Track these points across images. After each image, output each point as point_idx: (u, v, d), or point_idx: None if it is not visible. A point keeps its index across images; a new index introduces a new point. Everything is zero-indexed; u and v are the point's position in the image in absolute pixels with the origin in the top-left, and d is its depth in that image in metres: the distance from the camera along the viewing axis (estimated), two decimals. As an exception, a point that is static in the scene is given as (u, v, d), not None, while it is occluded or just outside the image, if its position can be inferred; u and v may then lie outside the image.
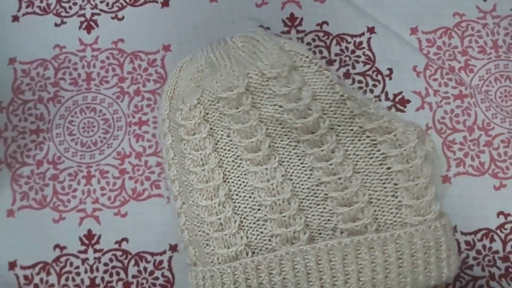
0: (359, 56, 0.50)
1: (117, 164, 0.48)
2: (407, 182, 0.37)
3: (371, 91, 0.49)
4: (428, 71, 0.49)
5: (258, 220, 0.36)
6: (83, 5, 0.52)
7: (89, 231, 0.47)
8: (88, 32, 0.51)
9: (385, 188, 0.36)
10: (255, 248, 0.36)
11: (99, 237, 0.46)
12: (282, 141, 0.38)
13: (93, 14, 0.52)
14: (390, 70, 0.49)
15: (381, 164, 0.37)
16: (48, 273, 0.46)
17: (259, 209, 0.36)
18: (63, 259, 0.46)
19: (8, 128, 0.49)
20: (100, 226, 0.47)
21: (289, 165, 0.37)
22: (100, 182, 0.47)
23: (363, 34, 0.50)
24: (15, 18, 0.53)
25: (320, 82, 0.37)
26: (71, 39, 0.51)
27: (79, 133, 0.49)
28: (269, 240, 0.36)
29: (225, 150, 0.38)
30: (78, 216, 0.47)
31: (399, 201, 0.37)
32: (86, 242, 0.46)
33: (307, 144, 0.37)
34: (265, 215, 0.36)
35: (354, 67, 0.49)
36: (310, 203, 0.36)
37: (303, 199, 0.36)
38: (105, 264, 0.46)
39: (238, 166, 0.38)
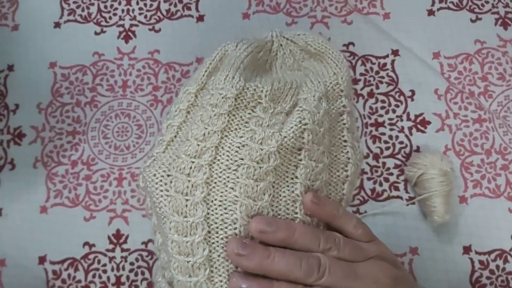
0: (383, 77, 0.52)
1: (148, 168, 0.50)
2: None
3: (394, 111, 0.51)
4: (449, 94, 0.52)
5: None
6: (123, 16, 0.55)
7: (118, 230, 0.49)
8: (126, 42, 0.54)
9: None
10: None
11: (127, 237, 0.49)
12: None
13: (131, 25, 0.55)
14: (412, 91, 0.52)
15: None
16: (76, 269, 0.48)
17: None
18: (91, 256, 0.48)
19: (45, 128, 0.52)
20: (128, 227, 0.49)
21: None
22: (131, 185, 0.50)
23: (387, 56, 0.53)
24: (57, 25, 0.56)
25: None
26: (110, 48, 0.54)
27: (113, 137, 0.51)
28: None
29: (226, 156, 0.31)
30: (108, 216, 0.49)
31: None
32: (114, 241, 0.48)
33: None
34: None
35: (377, 87, 0.52)
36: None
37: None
38: (131, 263, 0.48)
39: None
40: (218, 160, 0.30)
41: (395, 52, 0.53)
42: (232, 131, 0.31)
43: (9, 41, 0.55)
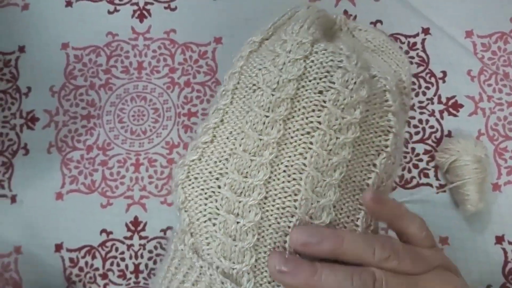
0: (412, 57, 0.49)
1: (166, 153, 0.48)
2: None
3: (424, 93, 0.48)
4: (483, 76, 0.49)
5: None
6: (137, -6, 0.53)
7: (136, 218, 0.47)
8: (141, 21, 0.52)
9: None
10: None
11: (145, 224, 0.47)
12: None
13: (146, 3, 0.52)
14: (444, 73, 0.49)
15: None
16: (94, 257, 0.47)
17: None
18: (109, 244, 0.47)
19: (59, 112, 0.50)
20: (146, 214, 0.47)
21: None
22: (148, 170, 0.48)
23: (417, 34, 0.50)
24: (69, 4, 0.53)
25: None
26: (124, 27, 0.52)
27: (129, 121, 0.49)
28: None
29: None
30: (125, 202, 0.47)
31: None
32: (132, 228, 0.47)
33: None
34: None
35: (407, 68, 0.49)
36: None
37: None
38: (150, 251, 0.47)
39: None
40: (293, 117, 0.27)
41: (426, 31, 0.50)
42: (310, 81, 0.27)
43: (19, 22, 0.53)
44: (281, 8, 0.51)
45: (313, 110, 0.27)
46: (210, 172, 0.28)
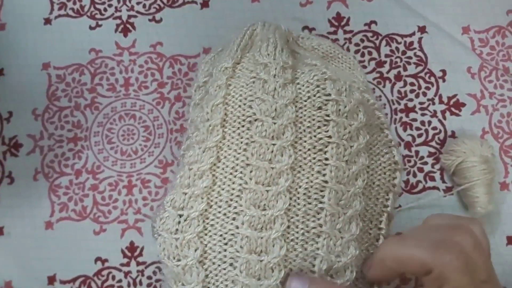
0: (410, 57, 0.48)
1: (159, 173, 0.46)
2: None
3: (424, 94, 0.47)
4: (483, 72, 0.47)
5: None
6: (119, 7, 0.50)
7: (132, 243, 0.45)
8: (125, 35, 0.49)
9: None
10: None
11: (142, 249, 0.45)
12: None
13: (129, 16, 0.50)
14: (444, 71, 0.47)
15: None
16: (89, 287, 0.44)
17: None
18: (104, 272, 0.44)
19: (44, 136, 0.47)
20: (142, 238, 0.45)
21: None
22: (142, 192, 0.46)
23: (413, 33, 0.48)
24: (47, 21, 0.51)
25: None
26: (107, 43, 0.49)
27: (119, 141, 0.47)
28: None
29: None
30: (119, 227, 0.45)
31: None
32: (129, 254, 0.45)
33: None
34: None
35: (405, 69, 0.47)
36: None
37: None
38: (149, 278, 0.44)
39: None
40: (301, 138, 0.27)
41: (422, 29, 0.48)
42: (305, 100, 0.27)
43: (-4, 43, 0.50)
44: (271, 14, 0.50)
45: (319, 127, 0.27)
46: (225, 214, 0.27)
